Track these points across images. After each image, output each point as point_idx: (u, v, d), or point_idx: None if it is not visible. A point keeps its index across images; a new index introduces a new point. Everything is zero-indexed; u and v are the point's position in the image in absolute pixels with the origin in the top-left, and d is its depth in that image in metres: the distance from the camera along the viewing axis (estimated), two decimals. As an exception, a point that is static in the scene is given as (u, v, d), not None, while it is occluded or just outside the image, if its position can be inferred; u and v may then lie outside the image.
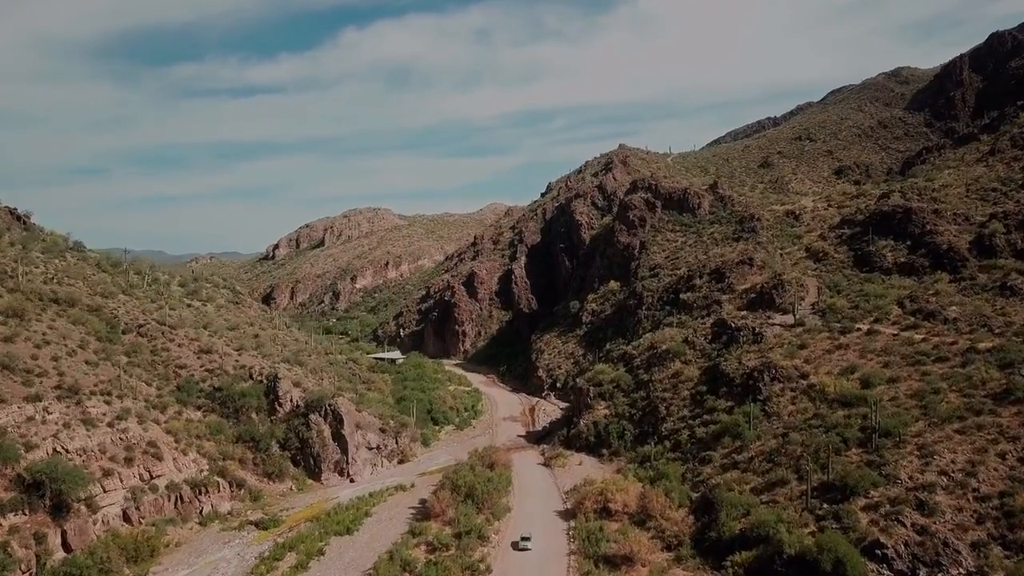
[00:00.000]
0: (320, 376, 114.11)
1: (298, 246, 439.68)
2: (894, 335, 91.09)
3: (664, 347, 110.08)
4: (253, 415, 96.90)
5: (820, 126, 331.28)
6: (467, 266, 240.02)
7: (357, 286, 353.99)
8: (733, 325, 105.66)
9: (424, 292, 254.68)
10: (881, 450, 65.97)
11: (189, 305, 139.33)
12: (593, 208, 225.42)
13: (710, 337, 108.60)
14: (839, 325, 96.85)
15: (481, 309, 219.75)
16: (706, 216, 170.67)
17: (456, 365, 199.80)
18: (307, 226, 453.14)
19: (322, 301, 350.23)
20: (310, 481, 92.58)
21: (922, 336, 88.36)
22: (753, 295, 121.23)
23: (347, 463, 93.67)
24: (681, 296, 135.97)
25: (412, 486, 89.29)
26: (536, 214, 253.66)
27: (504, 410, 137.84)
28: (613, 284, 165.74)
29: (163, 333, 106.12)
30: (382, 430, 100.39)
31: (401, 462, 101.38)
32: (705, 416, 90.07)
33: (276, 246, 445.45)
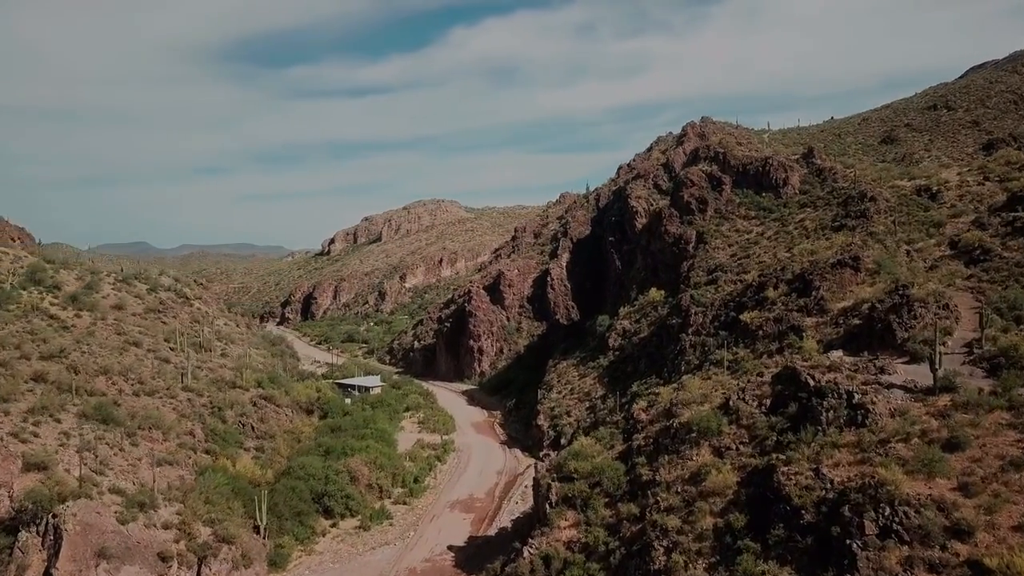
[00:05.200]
0: (136, 439, 72.46)
1: (355, 241, 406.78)
2: None
3: (685, 417, 61.72)
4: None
5: (962, 92, 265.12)
6: (500, 264, 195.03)
7: (407, 285, 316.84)
8: (812, 383, 56.13)
9: (449, 296, 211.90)
10: None
11: (51, 316, 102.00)
12: (655, 191, 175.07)
13: (770, 402, 59.40)
14: (1033, 397, 46.64)
15: (508, 319, 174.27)
16: (795, 196, 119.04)
17: (465, 392, 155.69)
18: (367, 219, 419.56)
19: (366, 302, 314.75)
20: (-16, 666, 50.75)
21: None
22: (857, 320, 70.88)
23: (57, 633, 50.96)
24: (741, 316, 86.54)
25: None
26: (588, 200, 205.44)
27: (469, 483, 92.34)
28: (655, 293, 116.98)
29: None
30: (163, 557, 57.10)
31: (199, 612, 57.95)
32: (733, 596, 42.21)
33: (332, 241, 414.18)
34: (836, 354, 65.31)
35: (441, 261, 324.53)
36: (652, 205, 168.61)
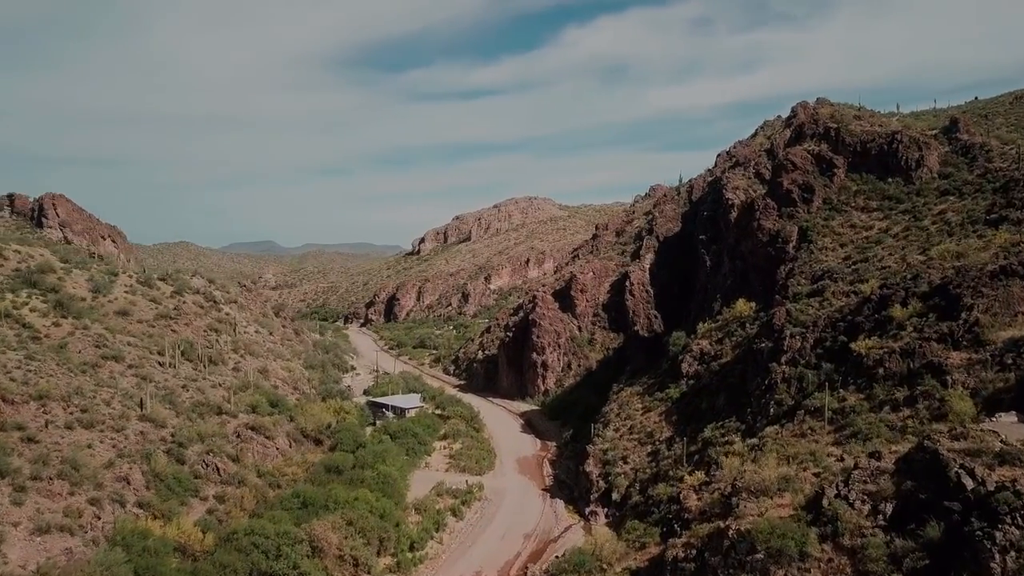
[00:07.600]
0: (25, 494, 56.05)
1: (445, 240, 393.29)
2: None
3: (748, 520, 38.65)
4: None
5: None
6: (573, 267, 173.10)
7: (491, 287, 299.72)
8: (970, 484, 32.14)
9: (520, 302, 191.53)
10: None
11: (24, 325, 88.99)
12: (756, 181, 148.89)
13: (891, 508, 35.58)
14: None
15: (579, 329, 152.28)
16: (932, 181, 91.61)
17: (523, 414, 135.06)
18: (457, 218, 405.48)
19: (450, 304, 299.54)
20: None
21: None
22: (1037, 363, 45.47)
23: None
24: (854, 345, 61.87)
25: None
26: (680, 193, 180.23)
27: (484, 551, 71.53)
28: (742, 305, 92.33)
29: None
30: None
31: None
32: None
33: (422, 240, 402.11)
34: (1006, 420, 40.71)
35: (528, 261, 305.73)
36: (751, 198, 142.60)
